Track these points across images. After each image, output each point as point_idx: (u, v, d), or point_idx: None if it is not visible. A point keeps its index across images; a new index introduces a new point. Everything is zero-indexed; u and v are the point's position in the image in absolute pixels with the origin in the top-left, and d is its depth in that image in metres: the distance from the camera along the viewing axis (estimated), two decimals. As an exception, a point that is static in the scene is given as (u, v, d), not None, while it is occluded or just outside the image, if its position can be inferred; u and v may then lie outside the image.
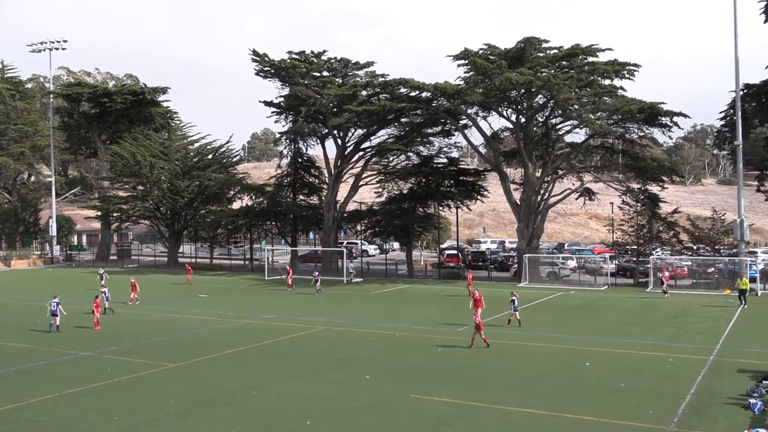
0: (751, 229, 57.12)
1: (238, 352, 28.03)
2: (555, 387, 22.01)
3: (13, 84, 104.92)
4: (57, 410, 20.03)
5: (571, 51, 54.38)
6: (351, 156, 65.76)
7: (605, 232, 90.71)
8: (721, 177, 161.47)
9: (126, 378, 23.79)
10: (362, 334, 32.06)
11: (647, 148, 58.36)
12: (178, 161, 73.77)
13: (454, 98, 55.15)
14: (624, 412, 19.00)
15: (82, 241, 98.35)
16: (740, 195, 50.36)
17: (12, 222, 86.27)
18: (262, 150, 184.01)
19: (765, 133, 59.85)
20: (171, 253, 75.66)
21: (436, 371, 24.45)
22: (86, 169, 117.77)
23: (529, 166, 55.76)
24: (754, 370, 23.51)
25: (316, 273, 49.64)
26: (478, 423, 18.34)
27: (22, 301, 45.10)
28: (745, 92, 53.09)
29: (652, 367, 24.57)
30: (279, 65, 64.12)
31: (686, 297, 45.25)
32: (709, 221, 57.23)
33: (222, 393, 21.66)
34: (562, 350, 27.86)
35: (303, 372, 24.40)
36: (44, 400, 21.01)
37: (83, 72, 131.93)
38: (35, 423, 18.77)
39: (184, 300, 44.58)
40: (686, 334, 31.55)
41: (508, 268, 62.77)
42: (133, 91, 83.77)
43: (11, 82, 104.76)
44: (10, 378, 24.13)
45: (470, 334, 28.88)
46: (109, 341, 30.59)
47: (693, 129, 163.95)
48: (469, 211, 73.79)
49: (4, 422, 18.93)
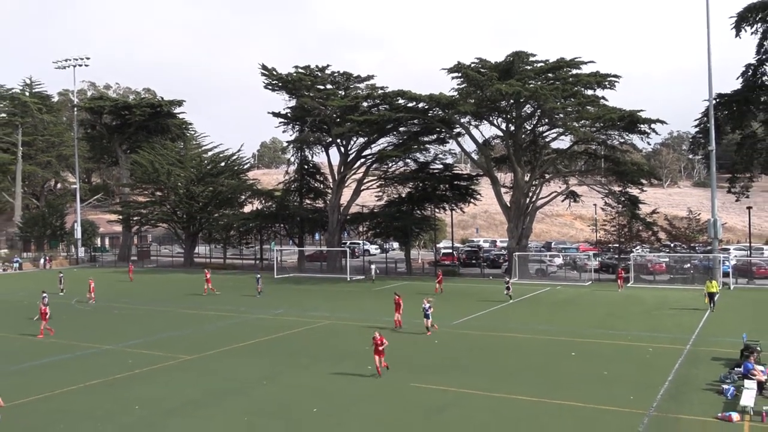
0: (723, 228, 57.13)
1: (249, 346, 28.02)
2: (543, 375, 22.00)
3: (41, 98, 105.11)
4: (81, 400, 20.02)
5: (557, 64, 54.38)
6: (353, 162, 65.75)
7: (589, 231, 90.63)
8: (696, 180, 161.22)
9: (146, 370, 23.78)
10: (365, 328, 31.96)
11: (627, 153, 58.33)
12: (193, 168, 73.73)
13: (449, 108, 55.16)
14: (607, 399, 19.00)
15: (105, 243, 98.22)
16: (713, 196, 50.37)
17: (40, 226, 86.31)
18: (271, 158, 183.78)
19: (736, 139, 59.68)
20: (187, 254, 75.65)
21: (433, 362, 24.44)
22: (108, 176, 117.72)
23: (518, 170, 55.75)
24: (726, 358, 23.50)
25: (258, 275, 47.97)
26: (472, 409, 18.33)
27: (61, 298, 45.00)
28: (718, 101, 53.09)
29: (632, 357, 24.57)
30: (286, 79, 64.17)
31: (664, 291, 45.21)
32: (685, 221, 57.23)
33: (234, 383, 21.65)
34: (550, 341, 27.84)
35: (310, 364, 24.37)
36: (69, 391, 21.01)
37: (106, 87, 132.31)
38: (60, 413, 18.76)
39: (199, 297, 44.54)
40: (664, 325, 31.50)
41: (499, 265, 62.73)
42: (151, 104, 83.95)
43: (39, 97, 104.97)
44: (36, 371, 24.13)
45: (467, 327, 28.82)
46: (129, 336, 30.58)
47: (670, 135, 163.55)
48: (462, 213, 73.79)
49: (32, 412, 18.93)
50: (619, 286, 45.35)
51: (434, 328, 29.57)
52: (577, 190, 59.12)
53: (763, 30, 51.92)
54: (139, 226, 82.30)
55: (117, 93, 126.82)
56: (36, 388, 21.37)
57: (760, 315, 34.46)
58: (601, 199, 57.17)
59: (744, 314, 34.62)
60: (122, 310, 39.64)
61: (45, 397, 20.30)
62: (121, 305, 41.46)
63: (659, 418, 17.25)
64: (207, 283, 46.03)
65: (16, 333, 31.97)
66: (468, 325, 32.17)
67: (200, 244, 79.88)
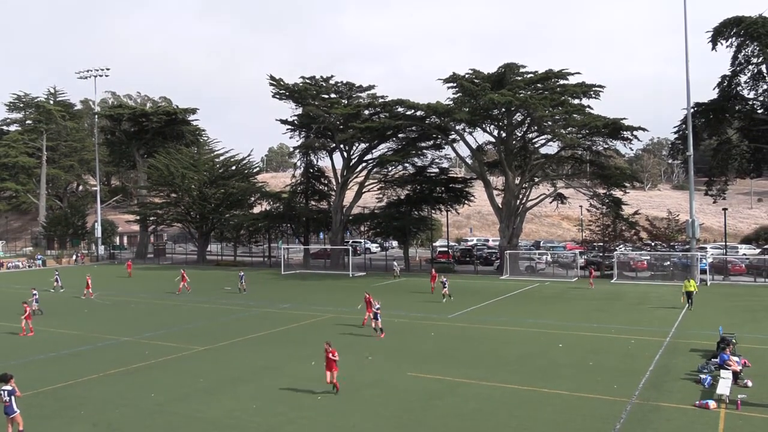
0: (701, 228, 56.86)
1: (258, 337, 27.99)
2: (532, 366, 21.97)
3: (64, 106, 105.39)
4: (100, 388, 20.00)
5: (545, 75, 54.39)
6: (355, 166, 65.71)
7: (575, 231, 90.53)
8: (675, 183, 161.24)
9: (161, 360, 23.75)
10: (365, 320, 31.98)
11: (611, 158, 58.35)
12: (206, 172, 73.67)
13: (444, 116, 55.14)
14: (592, 387, 18.97)
15: (124, 241, 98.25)
16: (692, 198, 50.29)
17: (63, 225, 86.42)
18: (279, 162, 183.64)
19: (713, 145, 59.71)
20: (200, 252, 75.64)
21: (429, 352, 24.41)
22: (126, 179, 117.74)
23: (509, 174, 55.73)
24: (704, 349, 23.47)
25: (241, 273, 46.91)
26: (466, 397, 18.30)
27: (73, 293, 45.01)
28: (696, 110, 53.14)
29: (616, 348, 24.53)
30: (292, 88, 64.11)
31: (645, 287, 45.18)
32: (665, 221, 57.19)
33: (244, 372, 21.62)
34: (538, 334, 27.80)
35: (314, 354, 24.27)
36: (90, 380, 20.99)
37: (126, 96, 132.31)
38: (82, 399, 18.75)
39: (211, 292, 44.51)
40: (645, 319, 31.48)
41: (492, 262, 62.67)
42: (167, 111, 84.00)
43: (62, 105, 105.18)
44: (60, 360, 24.12)
45: (462, 320, 28.76)
46: (146, 328, 30.56)
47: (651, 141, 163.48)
48: (457, 214, 73.68)
49: (56, 398, 18.94)
50: (590, 284, 44.91)
51: (381, 335, 27.21)
52: (565, 193, 59.14)
53: (737, 43, 52.00)
54: (155, 226, 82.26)
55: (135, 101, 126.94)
56: (58, 376, 21.36)
57: (734, 309, 34.42)
58: (586, 201, 57.22)
59: (720, 309, 34.58)
60: (138, 304, 39.62)
61: (67, 385, 20.28)
62: (137, 300, 41.43)
63: (641, 406, 17.22)
64: (182, 282, 44.64)
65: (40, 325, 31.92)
66: (462, 318, 32.14)
67: (212, 242, 79.84)
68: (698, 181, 61.46)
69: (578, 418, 16.27)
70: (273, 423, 16.33)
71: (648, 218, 58.90)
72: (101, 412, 17.41)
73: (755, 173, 61.40)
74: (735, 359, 20.22)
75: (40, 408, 17.91)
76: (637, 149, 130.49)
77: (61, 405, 18.22)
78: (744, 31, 50.51)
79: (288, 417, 16.79)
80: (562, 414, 16.66)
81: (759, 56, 50.99)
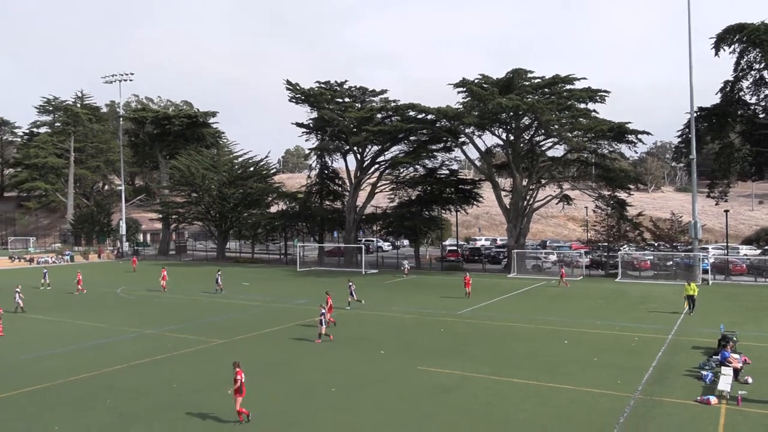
0: (703, 229, 56.61)
1: (275, 331, 28.10)
2: (538, 361, 21.88)
3: (91, 109, 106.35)
4: (125, 378, 20.17)
5: (552, 80, 54.09)
6: (368, 168, 65.74)
7: (581, 231, 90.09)
8: (678, 185, 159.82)
9: (182, 352, 23.92)
10: (377, 316, 32.03)
11: (616, 161, 57.90)
12: (225, 173, 74.00)
13: (454, 120, 55.04)
14: (597, 382, 18.87)
15: (147, 238, 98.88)
16: (694, 200, 49.95)
17: (89, 223, 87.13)
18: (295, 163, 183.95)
19: (715, 148, 59.10)
20: (220, 249, 76.03)
21: (438, 348, 24.38)
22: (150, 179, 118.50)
23: (516, 176, 55.52)
24: (705, 347, 23.29)
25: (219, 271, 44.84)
26: (474, 391, 18.27)
27: (100, 287, 45.43)
28: (699, 114, 52.68)
29: (620, 345, 24.37)
30: (308, 93, 64.27)
31: (649, 286, 44.84)
32: (668, 222, 56.70)
33: (261, 365, 21.71)
34: (544, 330, 27.70)
35: (328, 348, 24.39)
36: (115, 370, 21.18)
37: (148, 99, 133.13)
38: (107, 388, 18.92)
39: (231, 287, 44.68)
40: (648, 317, 31.25)
41: (500, 261, 62.48)
42: (188, 115, 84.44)
43: (89, 108, 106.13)
44: (87, 352, 24.35)
45: (470, 317, 28.68)
46: (169, 321, 30.78)
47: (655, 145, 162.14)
48: (466, 214, 73.53)
49: (82, 387, 19.12)
50: (564, 284, 43.84)
51: (329, 337, 25.79)
52: (570, 194, 58.74)
53: (740, 50, 51.40)
54: (177, 224, 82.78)
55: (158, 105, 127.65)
56: (86, 366, 21.56)
57: (735, 308, 34.10)
58: (591, 202, 56.82)
59: (721, 307, 34.25)
60: (161, 299, 39.90)
61: (93, 375, 20.47)
62: (160, 294, 41.71)
63: (644, 400, 17.12)
64: (163, 280, 43.81)
65: (69, 317, 32.27)
66: (471, 315, 32.08)
67: (231, 240, 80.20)
68: (701, 184, 60.94)
69: (583, 412, 16.21)
70: (288, 415, 16.40)
71: (652, 219, 58.37)
72: (126, 402, 17.57)
73: (757, 176, 60.77)
74: (736, 356, 20.06)
75: (68, 397, 18.10)
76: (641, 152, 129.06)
77: (88, 394, 18.40)
78: (747, 37, 49.96)
79: (302, 409, 16.85)
80: (567, 408, 16.59)
81: (761, 62, 50.41)
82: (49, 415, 16.51)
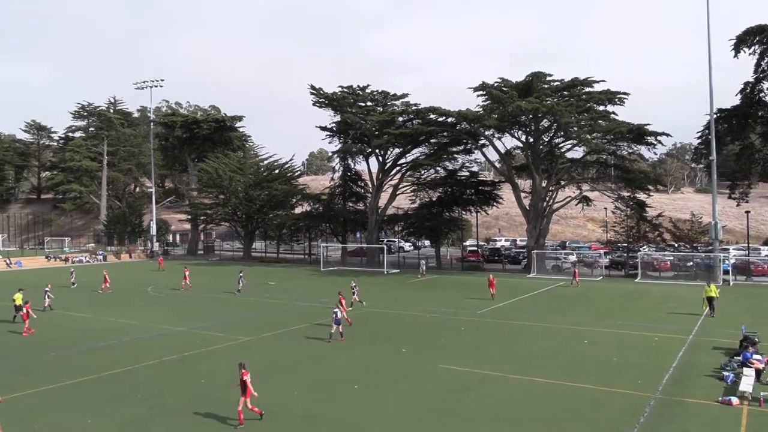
0: (723, 230, 55.54)
1: (299, 329, 28.22)
2: (558, 360, 21.67)
3: (123, 114, 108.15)
4: (156, 373, 20.43)
5: (571, 83, 53.59)
6: (390, 170, 65.76)
7: (600, 232, 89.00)
8: (698, 186, 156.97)
9: (210, 349, 24.15)
10: (399, 315, 32.01)
11: (635, 162, 57.16)
12: (251, 175, 74.58)
13: (474, 122, 54.81)
14: (616, 382, 18.62)
15: (176, 239, 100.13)
16: (714, 201, 49.07)
17: (121, 223, 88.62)
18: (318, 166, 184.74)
19: (735, 149, 57.97)
20: (246, 249, 76.65)
21: (460, 346, 24.29)
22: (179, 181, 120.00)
23: (536, 177, 55.08)
24: (727, 347, 22.84)
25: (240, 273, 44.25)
26: (495, 389, 18.16)
27: (131, 285, 46.11)
28: (719, 116, 51.78)
29: (640, 345, 24.02)
30: (331, 97, 64.51)
31: (669, 287, 44.14)
32: (688, 223, 55.79)
33: (285, 362, 21.84)
34: (565, 330, 27.42)
35: (350, 346, 24.44)
36: (146, 366, 21.45)
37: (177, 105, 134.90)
38: (139, 383, 19.19)
39: (257, 287, 45.00)
40: (669, 317, 30.75)
41: (519, 261, 62.01)
42: (216, 119, 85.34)
43: (121, 113, 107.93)
44: (120, 348, 24.71)
45: (491, 316, 28.52)
46: (197, 320, 31.10)
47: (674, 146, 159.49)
48: (486, 215, 73.15)
49: (117, 382, 19.42)
50: (576, 282, 44.51)
51: (340, 338, 25.31)
52: (590, 195, 58.11)
53: (760, 51, 50.39)
54: (204, 225, 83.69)
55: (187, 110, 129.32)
56: (119, 361, 21.88)
57: (757, 309, 33.38)
58: (611, 203, 56.10)
59: (742, 308, 33.56)
60: (190, 297, 40.31)
61: (125, 371, 20.77)
62: (188, 293, 42.17)
63: (665, 401, 16.85)
64: (185, 279, 43.97)
65: (102, 315, 32.79)
66: (491, 314, 31.89)
67: (257, 240, 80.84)
68: (721, 185, 59.76)
69: (603, 412, 16.00)
70: (312, 410, 16.46)
71: (671, 220, 57.46)
72: (156, 396, 17.79)
73: (778, 177, 59.49)
74: (758, 357, 19.65)
75: (100, 391, 18.39)
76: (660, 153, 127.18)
77: (121, 388, 18.67)
78: (767, 39, 49.00)
79: (326, 405, 16.90)
80: (587, 407, 16.40)
81: (782, 64, 49.40)
82: (83, 408, 16.78)
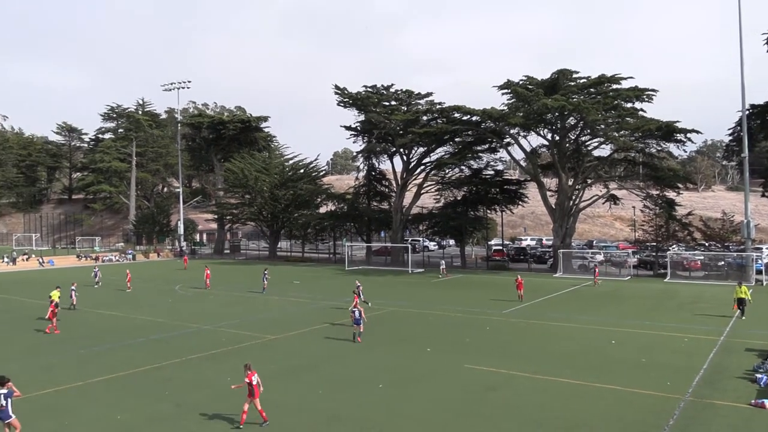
0: (756, 229, 54.21)
1: (323, 328, 28.33)
2: (585, 361, 21.39)
3: (151, 116, 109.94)
4: (183, 371, 20.69)
5: (598, 80, 52.89)
6: (414, 169, 65.69)
7: (628, 231, 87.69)
8: (729, 184, 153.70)
9: (236, 347, 24.37)
10: (423, 315, 31.94)
11: (664, 160, 56.19)
12: (277, 175, 75.16)
13: (499, 121, 54.44)
14: (645, 383, 18.30)
15: (203, 238, 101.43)
16: (747, 199, 47.95)
17: (150, 223, 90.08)
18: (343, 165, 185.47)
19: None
20: (271, 248, 77.27)
21: (485, 346, 24.13)
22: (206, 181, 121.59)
23: (562, 176, 54.49)
24: (760, 349, 22.30)
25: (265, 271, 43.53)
26: (520, 390, 18.00)
27: (158, 284, 46.82)
28: (751, 112, 50.72)
29: (669, 346, 23.58)
30: (355, 97, 64.67)
31: (699, 287, 43.29)
32: (719, 222, 54.66)
33: (309, 361, 21.93)
34: (591, 330, 27.06)
35: (375, 345, 24.44)
36: (173, 363, 21.74)
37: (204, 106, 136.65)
38: (167, 380, 19.47)
39: (282, 286, 45.29)
40: (699, 317, 30.15)
41: (545, 261, 61.41)
42: (242, 120, 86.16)
43: (149, 115, 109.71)
44: (149, 345, 25.09)
45: (516, 316, 28.28)
46: (223, 318, 31.42)
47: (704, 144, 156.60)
48: (512, 214, 72.67)
49: (145, 378, 19.72)
50: (595, 281, 44.61)
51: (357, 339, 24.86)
52: (617, 194, 57.33)
53: (794, 45, 49.19)
54: (231, 224, 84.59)
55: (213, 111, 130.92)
56: (148, 359, 22.22)
57: (792, 310, 32.51)
58: (639, 202, 55.27)
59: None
60: (216, 296, 40.76)
61: (154, 368, 21.08)
62: (215, 292, 42.64)
63: (695, 403, 16.50)
64: (207, 278, 44.17)
65: (131, 313, 33.33)
66: (516, 314, 31.64)
67: (282, 239, 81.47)
68: (754, 182, 58.49)
69: (631, 413, 15.74)
70: (336, 408, 16.50)
71: (702, 219, 56.34)
72: (184, 393, 18.02)
73: (813, 174, 57.98)
74: (792, 359, 19.14)
75: (129, 388, 18.70)
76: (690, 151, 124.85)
77: (150, 385, 18.96)
78: (801, 32, 47.80)
79: (351, 403, 16.93)
80: (615, 408, 16.15)
81: (818, 58, 48.15)
82: (112, 404, 17.07)
